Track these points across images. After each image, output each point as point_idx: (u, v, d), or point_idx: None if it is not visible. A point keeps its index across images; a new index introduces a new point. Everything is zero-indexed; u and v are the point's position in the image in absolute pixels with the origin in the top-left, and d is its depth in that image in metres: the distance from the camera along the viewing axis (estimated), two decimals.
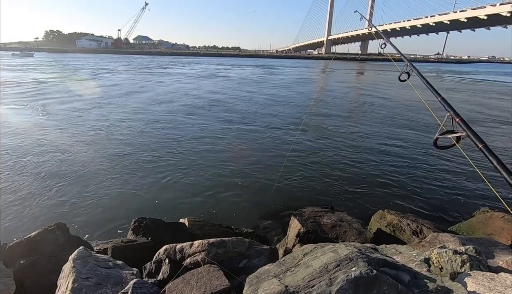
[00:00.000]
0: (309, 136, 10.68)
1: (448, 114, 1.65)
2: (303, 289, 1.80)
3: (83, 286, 2.29)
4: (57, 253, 3.15)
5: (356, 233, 3.85)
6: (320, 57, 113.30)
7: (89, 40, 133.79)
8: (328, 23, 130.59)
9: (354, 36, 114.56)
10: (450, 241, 3.02)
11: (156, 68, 45.19)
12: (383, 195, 6.36)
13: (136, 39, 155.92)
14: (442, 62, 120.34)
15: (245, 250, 3.02)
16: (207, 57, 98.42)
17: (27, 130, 10.38)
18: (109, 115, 13.30)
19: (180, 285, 2.32)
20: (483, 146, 1.32)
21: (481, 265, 2.26)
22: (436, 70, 62.19)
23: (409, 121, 13.46)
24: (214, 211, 5.68)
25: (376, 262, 2.01)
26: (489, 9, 63.78)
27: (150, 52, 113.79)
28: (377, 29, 5.00)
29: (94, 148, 8.83)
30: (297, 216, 4.11)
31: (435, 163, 8.25)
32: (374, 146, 9.70)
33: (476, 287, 1.88)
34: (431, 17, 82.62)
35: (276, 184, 6.55)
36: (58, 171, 7.06)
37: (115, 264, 2.77)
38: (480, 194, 6.50)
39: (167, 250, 2.97)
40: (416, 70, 2.71)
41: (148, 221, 4.10)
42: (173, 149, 8.97)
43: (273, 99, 19.02)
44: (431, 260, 2.33)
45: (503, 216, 4.48)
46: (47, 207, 5.60)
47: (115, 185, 6.50)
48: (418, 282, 1.90)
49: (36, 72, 33.90)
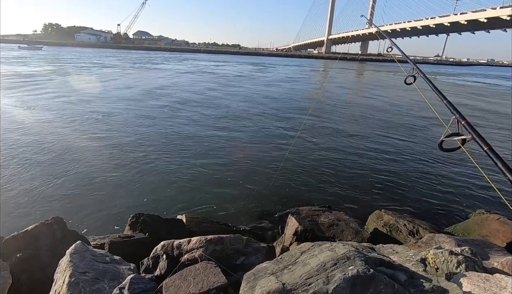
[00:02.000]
0: (308, 135, 10.69)
1: (453, 117, 1.66)
2: (300, 286, 1.80)
3: (80, 281, 2.29)
4: (54, 247, 3.15)
5: (353, 232, 3.87)
6: (320, 57, 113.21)
7: (89, 34, 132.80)
8: (329, 22, 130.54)
9: (354, 36, 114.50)
10: (446, 242, 3.05)
11: (150, 64, 45.02)
12: (381, 195, 6.39)
13: (136, 34, 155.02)
14: (442, 64, 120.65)
15: (242, 247, 3.02)
16: (207, 54, 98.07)
17: (23, 124, 10.32)
18: (102, 109, 13.24)
19: (177, 281, 2.33)
20: (488, 148, 1.32)
21: (476, 266, 2.28)
22: (435, 72, 62.29)
23: (412, 123, 13.42)
24: (212, 208, 5.68)
25: (373, 261, 2.02)
26: (489, 12, 64.04)
27: (149, 48, 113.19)
28: (384, 35, 4.96)
29: (91, 142, 8.79)
30: (295, 215, 4.13)
31: (433, 165, 8.29)
32: (374, 147, 9.73)
33: (471, 287, 1.90)
34: (432, 18, 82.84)
35: (273, 182, 6.55)
36: (55, 166, 7.03)
37: (112, 259, 2.77)
38: (476, 195, 6.55)
39: (165, 246, 2.97)
40: (422, 73, 2.72)
41: (145, 217, 4.10)
42: (170, 145, 8.95)
43: (272, 96, 19.02)
44: (427, 260, 2.35)
45: (498, 218, 4.52)
46: (44, 201, 5.57)
47: (113, 180, 6.48)
48: (414, 281, 1.92)
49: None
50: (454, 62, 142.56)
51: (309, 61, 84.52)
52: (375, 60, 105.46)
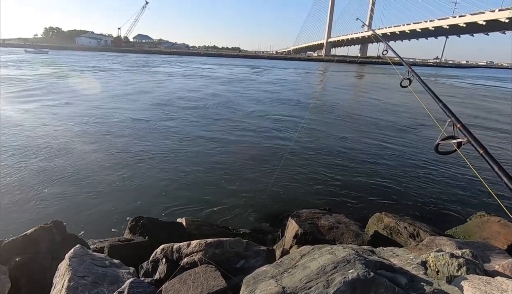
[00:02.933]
0: (306, 137, 10.69)
1: (449, 120, 1.66)
2: (300, 290, 1.80)
3: (79, 285, 2.28)
4: (53, 251, 3.14)
5: (353, 235, 3.86)
6: (319, 59, 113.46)
7: (89, 38, 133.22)
8: (328, 25, 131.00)
9: (354, 38, 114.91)
10: (446, 244, 3.03)
11: (148, 67, 45.20)
12: (381, 198, 6.38)
13: (136, 38, 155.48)
14: (441, 66, 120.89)
15: (242, 250, 3.01)
16: (206, 57, 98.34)
17: (22, 127, 10.33)
18: (101, 112, 13.26)
19: (176, 284, 2.32)
20: (484, 151, 1.32)
21: (477, 269, 2.27)
22: (435, 75, 62.44)
23: (409, 126, 13.46)
24: (212, 211, 5.66)
25: (373, 264, 2.01)
26: (488, 14, 64.31)
27: (150, 51, 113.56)
28: (379, 38, 5.01)
29: (90, 146, 8.80)
30: (295, 218, 4.11)
31: (433, 168, 8.28)
32: (374, 149, 9.73)
33: (472, 290, 1.89)
34: (431, 21, 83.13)
35: (272, 185, 6.54)
36: (54, 169, 7.03)
37: (112, 263, 2.76)
38: (477, 198, 6.53)
39: (164, 250, 2.96)
40: (418, 76, 2.72)
41: (145, 220, 4.09)
42: (169, 148, 8.96)
43: (270, 98, 19.05)
44: (427, 263, 2.34)
45: (499, 221, 4.50)
46: (44, 204, 5.56)
47: (112, 184, 6.47)
48: (415, 285, 1.91)
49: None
50: (453, 64, 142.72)
51: (308, 64, 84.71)
52: (374, 62, 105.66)
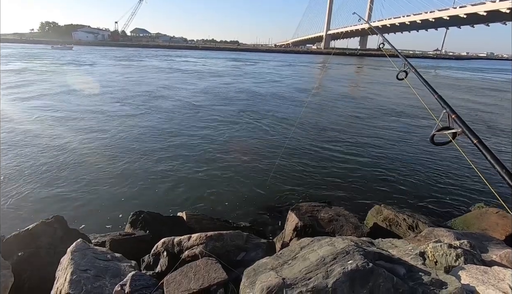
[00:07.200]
0: (303, 130, 10.69)
1: (444, 111, 1.67)
2: (300, 281, 1.82)
3: (81, 278, 2.30)
4: (55, 245, 3.16)
5: (352, 227, 3.88)
6: (319, 52, 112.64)
7: (86, 32, 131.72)
8: (328, 17, 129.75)
9: (353, 31, 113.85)
10: (445, 235, 3.06)
11: (143, 60, 44.87)
12: (380, 190, 6.41)
13: (134, 32, 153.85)
14: (441, 58, 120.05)
15: (243, 243, 3.04)
16: (204, 51, 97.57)
17: (23, 122, 10.30)
18: (103, 106, 13.20)
19: (178, 277, 2.34)
20: (478, 141, 1.33)
21: (475, 259, 2.30)
22: (435, 67, 62.04)
23: (406, 118, 13.48)
24: (212, 205, 5.69)
25: (372, 255, 2.03)
26: (489, 5, 63.74)
27: (147, 45, 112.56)
28: (376, 31, 4.97)
29: (91, 141, 8.79)
30: (295, 211, 4.14)
31: (431, 159, 8.30)
32: (371, 141, 9.73)
33: (470, 280, 1.92)
34: (431, 12, 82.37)
35: (272, 178, 6.57)
36: (55, 164, 7.03)
37: (114, 256, 2.79)
38: (475, 189, 6.56)
39: (165, 243, 2.99)
40: (414, 69, 2.72)
41: (146, 215, 4.12)
42: (169, 143, 8.95)
43: (266, 92, 18.98)
44: (426, 254, 2.37)
45: (497, 212, 4.53)
46: (45, 199, 5.58)
47: (113, 179, 6.48)
48: (413, 275, 1.93)
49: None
50: (453, 56, 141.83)
51: (307, 57, 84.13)
52: (374, 55, 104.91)
